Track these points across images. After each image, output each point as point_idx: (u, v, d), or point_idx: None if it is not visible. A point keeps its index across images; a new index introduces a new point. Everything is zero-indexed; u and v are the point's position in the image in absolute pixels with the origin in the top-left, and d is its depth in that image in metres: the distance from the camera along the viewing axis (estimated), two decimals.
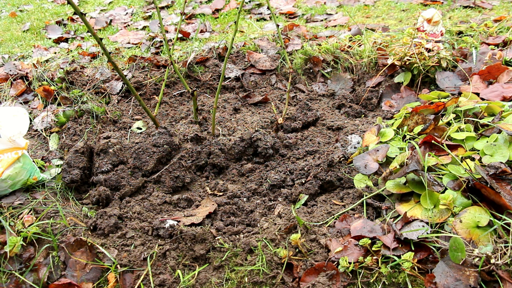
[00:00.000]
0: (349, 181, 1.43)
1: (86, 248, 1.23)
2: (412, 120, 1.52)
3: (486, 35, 2.17)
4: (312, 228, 1.23)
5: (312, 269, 1.11)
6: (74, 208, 1.41)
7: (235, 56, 2.38)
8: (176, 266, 1.19)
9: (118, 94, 2.14)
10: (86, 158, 1.57)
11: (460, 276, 0.97)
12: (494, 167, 1.13)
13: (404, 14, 2.91)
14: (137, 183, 1.50)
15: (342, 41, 2.35)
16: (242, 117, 1.99)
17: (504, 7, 2.77)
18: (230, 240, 1.24)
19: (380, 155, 1.38)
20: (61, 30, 3.31)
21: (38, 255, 1.22)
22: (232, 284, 1.14)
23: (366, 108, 2.04)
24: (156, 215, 1.38)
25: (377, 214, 1.26)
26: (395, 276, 1.05)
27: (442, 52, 1.94)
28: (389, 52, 2.09)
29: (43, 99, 2.07)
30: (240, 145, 1.66)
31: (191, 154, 1.63)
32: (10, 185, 1.39)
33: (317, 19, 3.03)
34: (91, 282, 1.18)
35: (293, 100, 2.12)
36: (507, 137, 1.24)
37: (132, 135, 1.87)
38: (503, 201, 1.05)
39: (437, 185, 1.17)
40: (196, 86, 2.25)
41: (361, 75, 2.19)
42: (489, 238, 1.02)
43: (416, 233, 1.08)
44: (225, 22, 3.20)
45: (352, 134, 1.76)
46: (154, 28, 3.13)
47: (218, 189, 1.53)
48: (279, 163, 1.64)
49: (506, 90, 1.61)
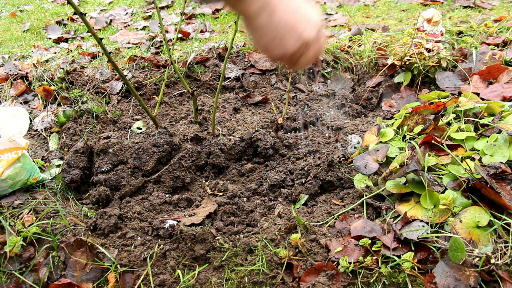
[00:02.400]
0: (349, 181, 1.43)
1: (86, 248, 1.23)
2: (412, 120, 1.52)
3: (486, 35, 2.17)
4: (312, 228, 1.23)
5: (312, 269, 1.11)
6: (74, 208, 1.41)
7: (235, 56, 2.38)
8: (176, 266, 1.19)
9: (118, 94, 2.14)
10: (86, 158, 1.57)
11: (460, 276, 0.97)
12: (494, 167, 1.13)
13: (404, 14, 2.91)
14: (137, 183, 1.50)
15: (342, 41, 2.35)
16: (242, 117, 1.99)
17: (504, 7, 2.77)
18: (230, 240, 1.24)
19: (380, 155, 1.38)
20: (61, 30, 3.31)
21: (38, 255, 1.22)
22: (232, 284, 1.14)
23: (366, 108, 2.04)
24: (156, 215, 1.38)
25: (377, 214, 1.26)
26: (395, 276, 1.05)
27: (442, 52, 1.94)
28: (389, 52, 2.10)
29: (43, 99, 2.07)
30: (240, 145, 1.66)
31: (191, 154, 1.63)
32: (10, 185, 1.39)
33: None
34: (91, 282, 1.18)
35: (293, 100, 2.12)
36: (507, 137, 1.24)
37: (132, 135, 1.87)
38: (503, 201, 1.05)
39: (437, 185, 1.17)
40: (196, 86, 2.25)
41: (361, 75, 2.19)
42: (489, 238, 1.02)
43: (416, 233, 1.08)
44: (225, 22, 3.20)
45: (352, 134, 1.76)
46: (154, 28, 3.13)
47: (218, 189, 1.53)
48: (279, 163, 1.64)
49: (506, 90, 1.61)
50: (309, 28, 0.69)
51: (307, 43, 0.70)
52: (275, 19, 0.66)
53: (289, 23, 0.67)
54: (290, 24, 0.67)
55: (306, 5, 0.70)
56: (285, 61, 0.73)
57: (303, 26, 0.69)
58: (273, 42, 0.68)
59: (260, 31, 0.68)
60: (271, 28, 0.67)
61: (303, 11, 0.69)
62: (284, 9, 0.67)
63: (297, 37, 0.68)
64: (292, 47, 0.69)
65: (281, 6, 0.66)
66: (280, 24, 0.67)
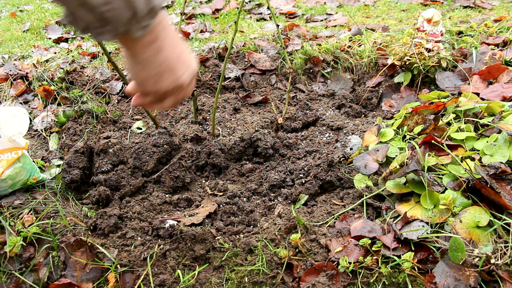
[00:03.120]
0: (349, 181, 1.43)
1: (86, 248, 1.23)
2: (412, 120, 1.52)
3: (486, 35, 2.17)
4: (312, 228, 1.23)
5: (312, 269, 1.11)
6: (74, 208, 1.41)
7: (235, 56, 2.38)
8: (176, 266, 1.19)
9: (118, 94, 2.14)
10: (86, 158, 1.57)
11: (460, 276, 0.97)
12: (494, 167, 1.13)
13: (404, 14, 2.91)
14: (137, 183, 1.50)
15: (342, 41, 2.35)
16: (242, 117, 1.99)
17: (504, 7, 2.77)
18: (230, 240, 1.24)
19: (380, 155, 1.38)
20: (61, 30, 3.31)
21: (38, 255, 1.22)
22: (232, 284, 1.14)
23: (366, 108, 2.04)
24: (156, 215, 1.38)
25: (377, 214, 1.26)
26: (395, 276, 1.05)
27: (442, 52, 1.94)
28: (389, 52, 2.09)
29: (43, 99, 2.07)
30: (240, 145, 1.66)
31: (191, 154, 1.63)
32: (10, 185, 1.39)
33: (317, 19, 3.03)
34: (91, 282, 1.18)
35: (293, 100, 2.12)
36: (507, 137, 1.24)
37: (132, 135, 1.87)
38: (503, 201, 1.05)
39: (437, 185, 1.17)
40: (196, 86, 2.25)
41: (361, 75, 2.19)
42: (489, 238, 1.02)
43: (416, 233, 1.08)
44: (225, 22, 3.20)
45: (352, 134, 1.76)
46: None
47: (218, 189, 1.53)
48: (279, 163, 1.64)
49: (506, 90, 1.61)
50: (187, 73, 0.76)
51: (181, 86, 0.76)
52: (160, 57, 0.71)
53: (171, 64, 0.73)
54: (172, 65, 0.73)
55: (189, 51, 0.77)
56: (154, 97, 0.78)
57: (182, 71, 0.75)
58: (152, 78, 0.73)
59: (142, 66, 0.72)
60: (155, 65, 0.71)
61: (185, 56, 0.75)
62: (170, 50, 0.72)
63: (174, 78, 0.74)
64: (167, 86, 0.74)
65: (167, 47, 0.71)
66: (164, 64, 0.72)
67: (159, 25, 0.69)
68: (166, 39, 0.71)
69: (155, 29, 0.68)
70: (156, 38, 0.69)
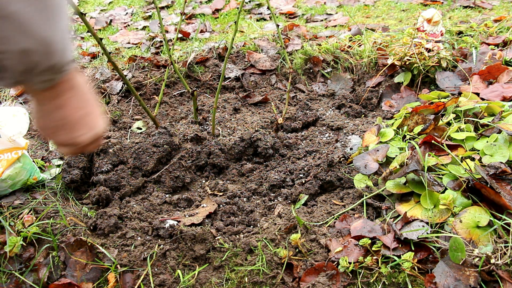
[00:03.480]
0: (349, 181, 1.43)
1: (86, 248, 1.23)
2: (412, 120, 1.52)
3: (486, 35, 2.17)
4: (312, 228, 1.23)
5: (312, 269, 1.11)
6: (74, 208, 1.41)
7: (235, 56, 2.38)
8: (176, 266, 1.19)
9: (118, 94, 2.14)
10: (86, 158, 1.57)
11: (460, 276, 0.97)
12: (494, 167, 1.13)
13: (404, 14, 2.91)
14: (137, 183, 1.50)
15: (342, 41, 2.35)
16: (242, 117, 1.99)
17: (504, 7, 2.77)
18: (230, 240, 1.24)
19: (380, 155, 1.38)
20: None
21: (38, 255, 1.22)
22: (232, 284, 1.14)
23: (366, 108, 2.04)
24: (156, 215, 1.38)
25: (377, 214, 1.26)
26: (395, 276, 1.05)
27: (442, 52, 1.94)
28: (389, 52, 2.09)
29: None
30: (240, 145, 1.66)
31: (191, 154, 1.63)
32: (10, 185, 1.39)
33: (317, 19, 3.03)
34: (91, 282, 1.18)
35: (293, 100, 2.12)
36: (507, 137, 1.24)
37: (132, 135, 1.87)
38: (503, 201, 1.05)
39: (437, 185, 1.17)
40: (196, 86, 2.25)
41: (361, 75, 2.19)
42: (489, 238, 1.02)
43: (416, 233, 1.08)
44: (225, 22, 3.20)
45: (352, 134, 1.76)
46: (154, 28, 3.13)
47: (218, 189, 1.53)
48: (279, 163, 1.64)
49: (506, 90, 1.61)
50: (87, 135, 0.75)
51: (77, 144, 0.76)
52: (58, 114, 0.71)
53: (70, 124, 0.73)
54: (71, 125, 0.73)
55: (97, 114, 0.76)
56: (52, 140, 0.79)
57: (82, 132, 0.74)
58: (48, 130, 0.74)
59: (41, 114, 0.72)
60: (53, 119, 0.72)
61: (90, 119, 0.75)
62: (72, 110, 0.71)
63: (71, 137, 0.74)
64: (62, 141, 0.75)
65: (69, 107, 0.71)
66: (61, 121, 0.72)
67: (66, 83, 0.68)
68: (70, 99, 0.70)
69: (60, 86, 0.67)
70: (58, 95, 0.68)
